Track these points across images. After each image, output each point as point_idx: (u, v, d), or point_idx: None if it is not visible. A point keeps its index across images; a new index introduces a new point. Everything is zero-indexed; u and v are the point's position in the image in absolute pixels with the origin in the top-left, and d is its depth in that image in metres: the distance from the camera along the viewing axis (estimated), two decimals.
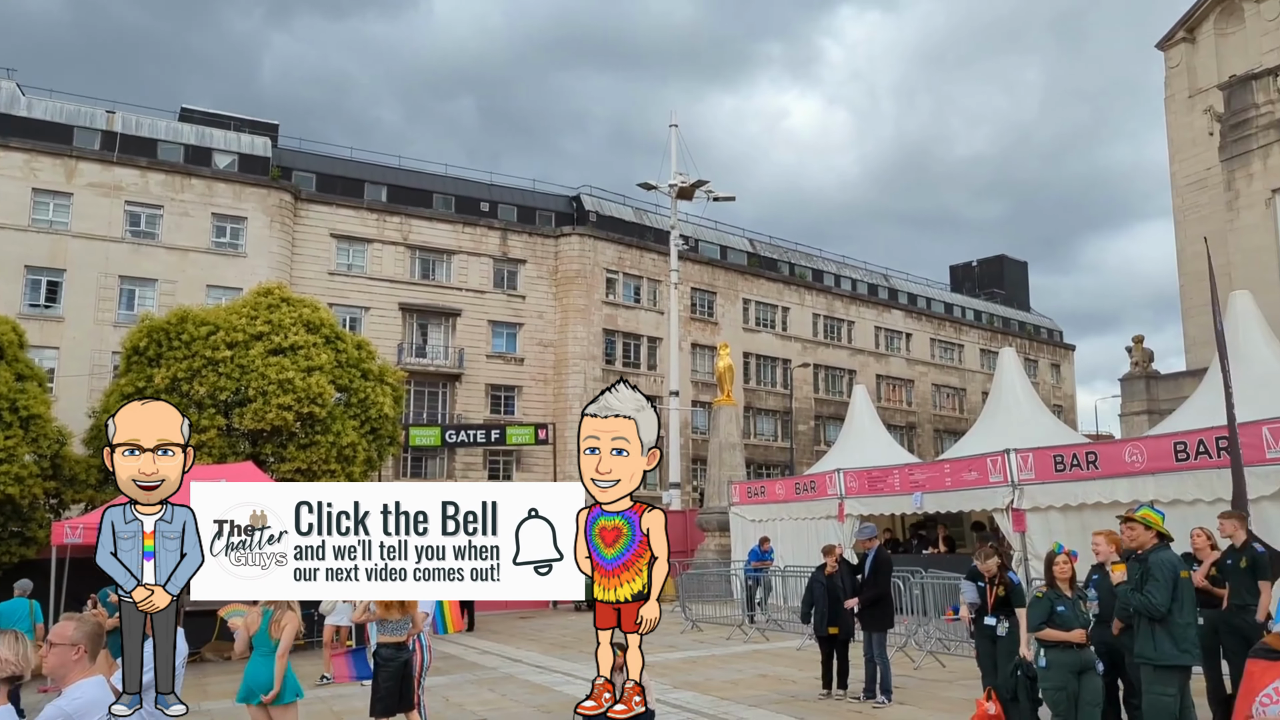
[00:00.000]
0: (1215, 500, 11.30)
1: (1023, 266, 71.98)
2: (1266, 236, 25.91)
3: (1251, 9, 29.16)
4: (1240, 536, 8.10)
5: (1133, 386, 28.97)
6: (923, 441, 55.12)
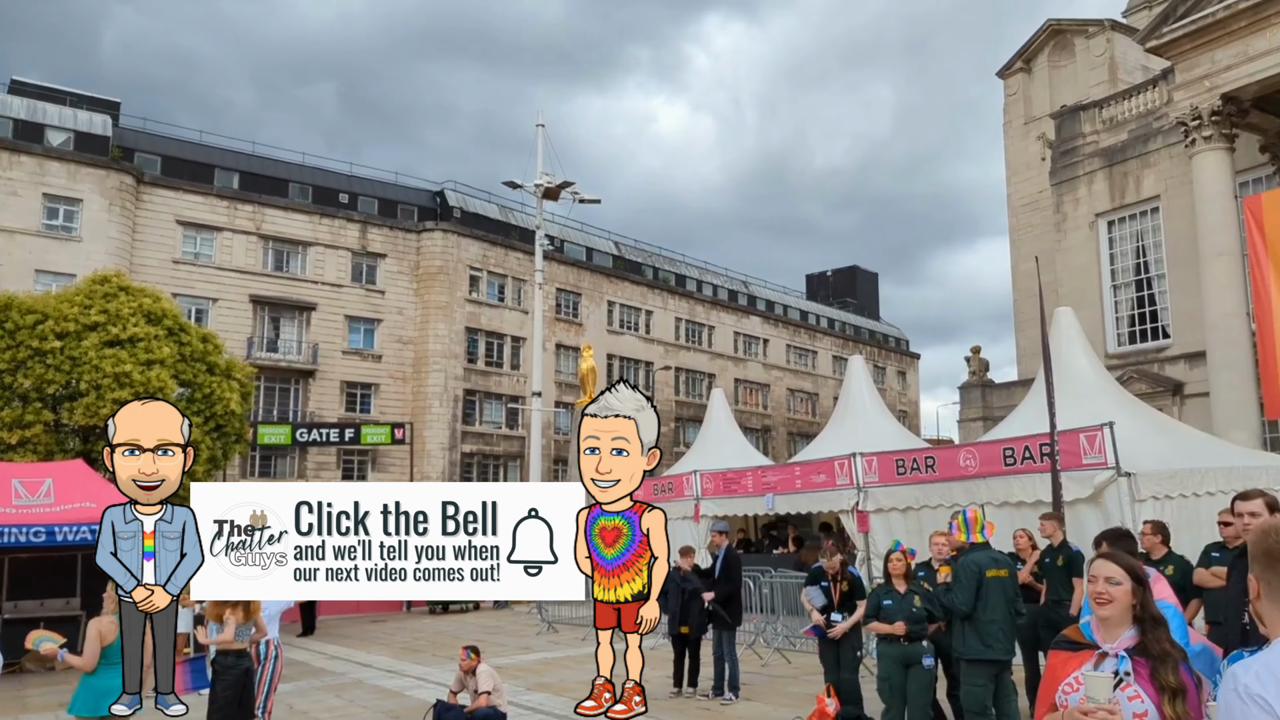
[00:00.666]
0: (1037, 502, 12.11)
1: (874, 277, 75.23)
2: (1089, 257, 27.95)
3: (1082, 44, 31.44)
4: (1058, 536, 8.76)
5: (970, 394, 30.71)
6: (777, 444, 56.82)
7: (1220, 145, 20.86)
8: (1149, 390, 25.46)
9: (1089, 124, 28.50)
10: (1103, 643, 2.75)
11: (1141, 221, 27.07)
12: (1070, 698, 2.68)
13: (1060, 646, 2.87)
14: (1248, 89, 20.39)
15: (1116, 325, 27.73)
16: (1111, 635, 2.75)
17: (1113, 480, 11.72)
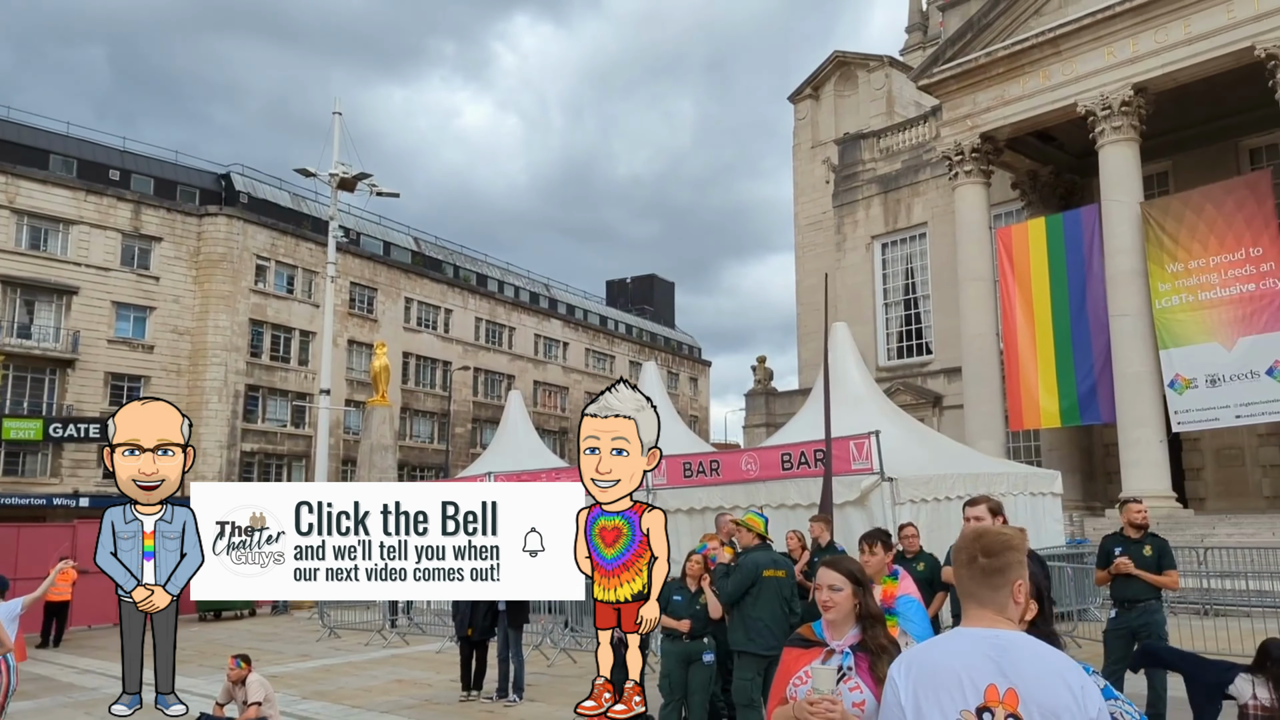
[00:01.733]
0: (811, 505, 12.87)
1: (671, 286, 77.43)
2: (865, 276, 29.98)
3: (864, 77, 33.73)
4: (825, 537, 9.38)
5: (755, 401, 32.19)
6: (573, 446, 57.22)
7: (978, 180, 22.99)
8: (913, 401, 27.63)
9: (868, 152, 30.60)
10: (830, 640, 3.01)
11: (911, 245, 29.36)
12: (799, 690, 2.89)
13: (794, 644, 3.10)
14: (1003, 130, 22.59)
15: (887, 340, 29.91)
16: (838, 634, 3.02)
17: (877, 485, 12.63)
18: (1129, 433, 19.58)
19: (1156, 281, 19.49)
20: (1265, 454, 21.88)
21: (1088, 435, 23.92)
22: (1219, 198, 19.23)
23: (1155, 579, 7.83)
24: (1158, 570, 7.90)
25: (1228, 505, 21.35)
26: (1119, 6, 19.89)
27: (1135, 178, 20.44)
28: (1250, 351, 18.02)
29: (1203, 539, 16.72)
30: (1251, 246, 18.41)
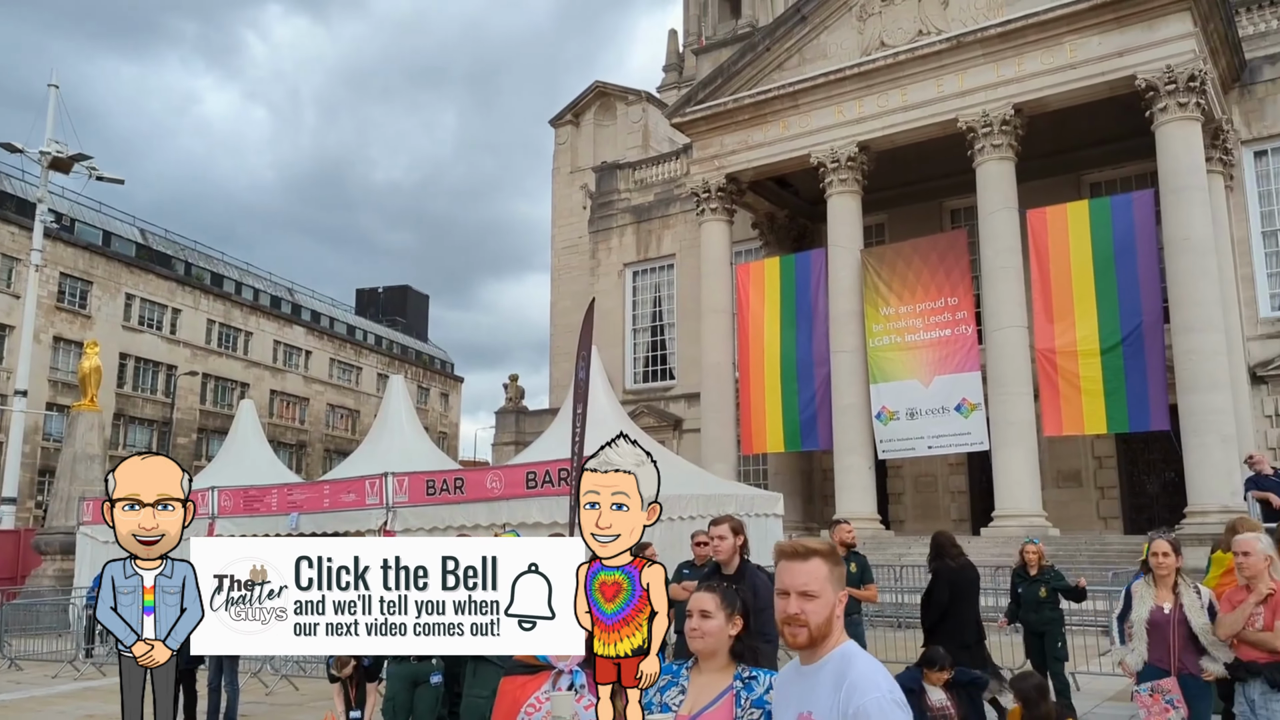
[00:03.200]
0: (553, 523, 13.06)
1: (425, 299, 75.81)
2: (616, 301, 30.86)
3: (622, 109, 34.90)
4: None
5: (505, 419, 32.17)
6: (312, 461, 54.53)
7: (723, 218, 24.40)
8: (656, 424, 28.69)
9: (624, 182, 31.62)
10: (557, 661, 3.09)
11: (660, 275, 30.58)
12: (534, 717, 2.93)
13: (514, 671, 3.09)
14: (746, 172, 24.13)
15: (634, 365, 30.90)
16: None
17: None
18: (842, 459, 21.40)
19: (871, 322, 21.51)
20: (954, 481, 24.63)
21: (808, 461, 25.88)
22: (925, 251, 21.55)
23: (857, 594, 8.65)
24: (859, 585, 8.73)
25: (924, 526, 23.80)
26: (848, 70, 21.89)
27: (857, 227, 22.48)
28: (943, 389, 20.28)
29: (900, 557, 18.53)
30: (949, 296, 20.77)
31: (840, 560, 2.53)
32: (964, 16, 20.74)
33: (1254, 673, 5.24)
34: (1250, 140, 21.74)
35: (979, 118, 20.21)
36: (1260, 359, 20.87)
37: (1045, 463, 21.48)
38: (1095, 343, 18.51)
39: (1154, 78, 18.44)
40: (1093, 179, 23.41)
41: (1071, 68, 19.46)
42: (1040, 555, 9.62)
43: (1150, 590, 5.79)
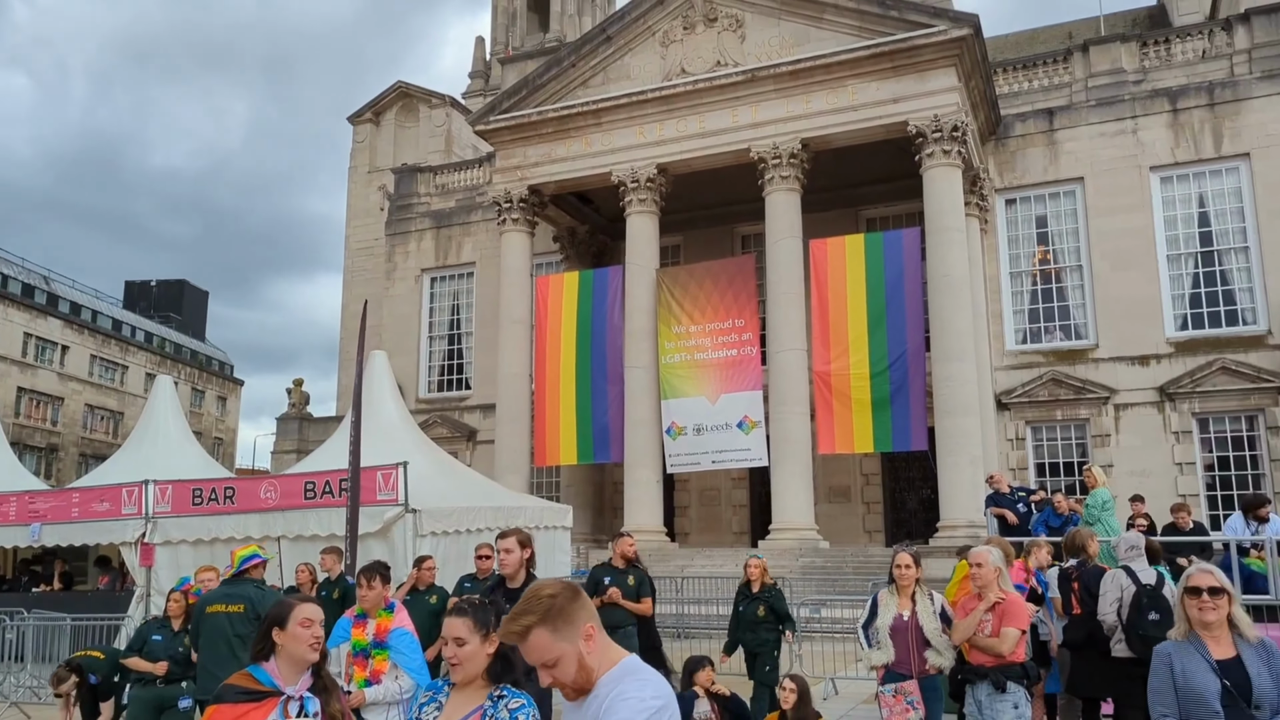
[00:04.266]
0: (330, 536, 12.52)
1: (204, 295, 71.06)
2: (412, 307, 30.14)
3: (426, 112, 34.20)
4: (336, 570, 9.18)
5: (287, 426, 30.63)
6: (65, 466, 49.70)
7: (524, 229, 24.36)
8: (449, 435, 28.19)
9: (424, 186, 30.97)
10: (284, 687, 2.94)
11: (459, 283, 30.13)
12: None
13: (235, 698, 2.89)
14: (549, 185, 24.23)
15: (429, 373, 30.25)
16: (293, 678, 2.97)
17: (400, 516, 12.66)
18: (633, 472, 21.82)
19: (664, 340, 22.11)
20: (737, 495, 25.67)
21: (600, 474, 26.21)
22: (716, 273, 22.41)
23: (632, 606, 8.80)
24: (636, 599, 8.88)
25: (707, 539, 24.66)
26: (650, 93, 22.47)
27: (654, 246, 23.07)
28: (727, 406, 21.14)
29: (683, 569, 19.11)
30: (737, 318, 21.68)
31: (564, 603, 2.42)
32: (759, 52, 21.79)
33: (981, 675, 5.77)
34: (1003, 189, 24.07)
35: (769, 149, 21.26)
36: (1005, 387, 23.08)
37: (819, 479, 22.78)
38: (866, 367, 19.84)
39: (923, 125, 20.07)
40: (870, 214, 25.15)
41: (853, 109, 20.86)
42: (763, 571, 9.17)
43: (893, 599, 6.25)
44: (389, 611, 5.40)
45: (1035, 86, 24.62)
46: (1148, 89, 23.22)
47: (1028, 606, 6.59)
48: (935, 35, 20.00)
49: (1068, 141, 23.55)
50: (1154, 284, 22.34)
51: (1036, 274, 23.78)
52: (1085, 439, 22.50)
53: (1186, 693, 3.88)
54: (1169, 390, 21.71)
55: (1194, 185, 22.58)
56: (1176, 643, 4.04)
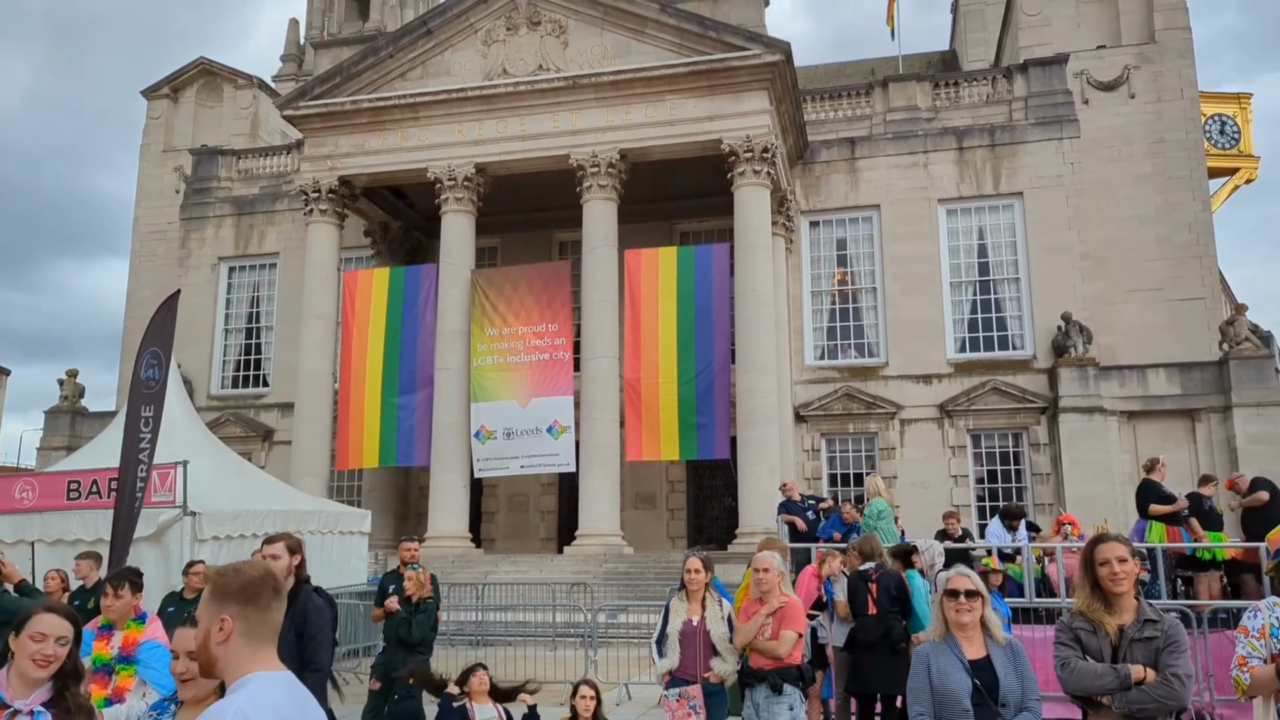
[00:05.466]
0: (96, 540, 11.50)
1: None
2: (207, 297, 28.34)
3: (230, 92, 32.25)
4: (94, 577, 8.41)
5: (57, 420, 28.10)
6: None
7: (333, 221, 23.38)
8: (243, 434, 26.67)
9: (226, 170, 29.23)
10: (12, 700, 2.66)
11: (261, 274, 28.58)
12: None
13: None
14: (361, 178, 23.37)
15: (223, 368, 28.51)
16: (23, 692, 2.69)
17: (178, 519, 11.83)
18: (439, 477, 21.33)
19: (476, 342, 21.76)
20: (545, 501, 25.59)
21: (405, 478, 25.48)
22: (532, 277, 22.29)
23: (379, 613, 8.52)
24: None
25: (514, 545, 24.44)
26: (471, 92, 22.11)
27: (470, 246, 22.68)
28: (538, 410, 21.04)
29: (486, 575, 18.84)
30: (551, 322, 21.63)
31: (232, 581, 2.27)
32: (581, 59, 21.88)
33: (760, 678, 5.94)
34: (808, 211, 25.26)
35: (589, 157, 21.39)
36: (803, 400, 24.19)
37: (626, 485, 23.07)
38: (675, 376, 20.26)
39: (736, 144, 20.77)
40: (684, 228, 25.76)
41: (671, 124, 21.31)
42: (420, 585, 8.24)
43: (683, 604, 6.35)
44: (139, 623, 4.97)
45: (840, 116, 26.00)
46: (938, 126, 25.01)
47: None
48: (750, 58, 20.74)
49: (867, 170, 25.01)
50: (938, 308, 24.04)
51: (835, 294, 25.09)
52: (874, 451, 23.90)
53: (941, 691, 4.11)
54: (948, 407, 23.40)
55: (975, 219, 24.51)
56: (934, 643, 4.28)
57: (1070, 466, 22.04)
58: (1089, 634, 3.99)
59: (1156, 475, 11.10)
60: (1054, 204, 23.84)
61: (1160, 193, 24.48)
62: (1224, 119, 33.28)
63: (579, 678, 10.85)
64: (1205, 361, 22.39)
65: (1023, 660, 4.23)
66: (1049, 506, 21.89)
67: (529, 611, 16.14)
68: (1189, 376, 22.26)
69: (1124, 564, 3.95)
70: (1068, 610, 4.32)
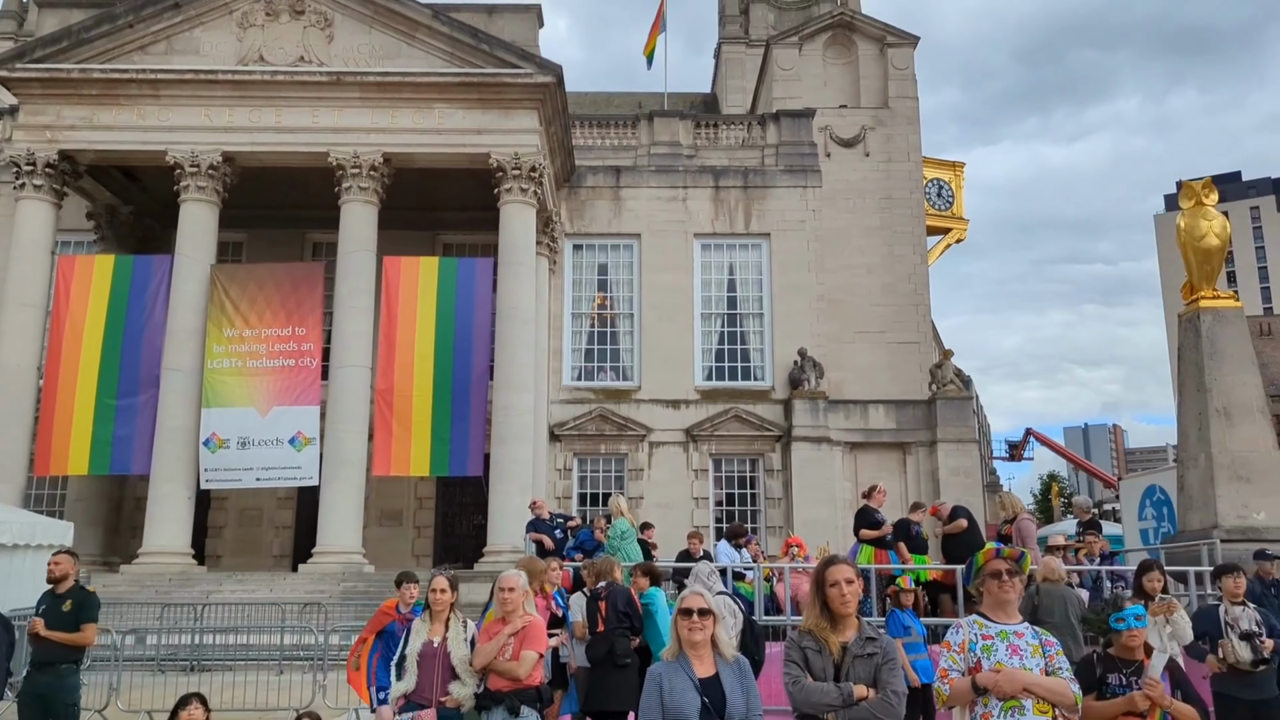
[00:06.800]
0: None
1: None
2: None
3: None
4: None
5: None
6: None
7: (49, 198, 20.97)
8: None
9: None
10: None
11: None
12: None
13: None
14: (87, 154, 21.15)
15: None
16: None
17: None
18: (160, 487, 19.56)
19: (212, 342, 20.21)
20: (281, 516, 24.13)
21: (120, 487, 23.19)
22: (281, 277, 21.05)
23: (65, 637, 7.57)
24: (75, 627, 7.60)
25: (243, 562, 22.80)
26: (221, 76, 20.65)
27: (211, 239, 21.09)
28: (279, 420, 19.83)
29: (208, 595, 17.46)
30: (299, 326, 20.50)
31: None
32: (348, 56, 21.04)
33: (497, 701, 5.88)
34: (572, 234, 25.64)
35: (350, 157, 20.56)
36: (559, 420, 24.41)
37: (372, 501, 22.23)
38: (430, 390, 19.80)
39: (505, 160, 20.72)
40: (448, 240, 25.33)
41: (439, 133, 20.93)
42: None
43: (425, 625, 6.19)
44: None
45: (607, 145, 26.64)
46: (698, 164, 26.24)
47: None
48: (522, 77, 20.81)
49: (630, 200, 25.78)
50: (689, 338, 25.13)
51: (595, 317, 25.58)
52: (624, 472, 24.50)
53: (672, 710, 4.23)
54: (694, 432, 24.44)
55: (727, 255, 25.89)
56: (666, 663, 4.42)
57: (799, 491, 23.66)
58: (815, 653, 4.26)
59: (874, 501, 12.12)
60: (797, 247, 25.64)
61: (887, 245, 26.95)
62: (941, 183, 37.29)
63: (304, 705, 10.28)
64: (917, 400, 24.81)
65: (749, 677, 4.45)
66: (779, 529, 23.36)
67: (256, 634, 15.08)
68: (903, 413, 24.59)
69: (851, 585, 4.26)
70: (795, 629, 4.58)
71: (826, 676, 4.19)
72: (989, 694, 4.09)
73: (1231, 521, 11.86)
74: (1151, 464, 75.52)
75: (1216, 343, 12.61)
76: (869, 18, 29.44)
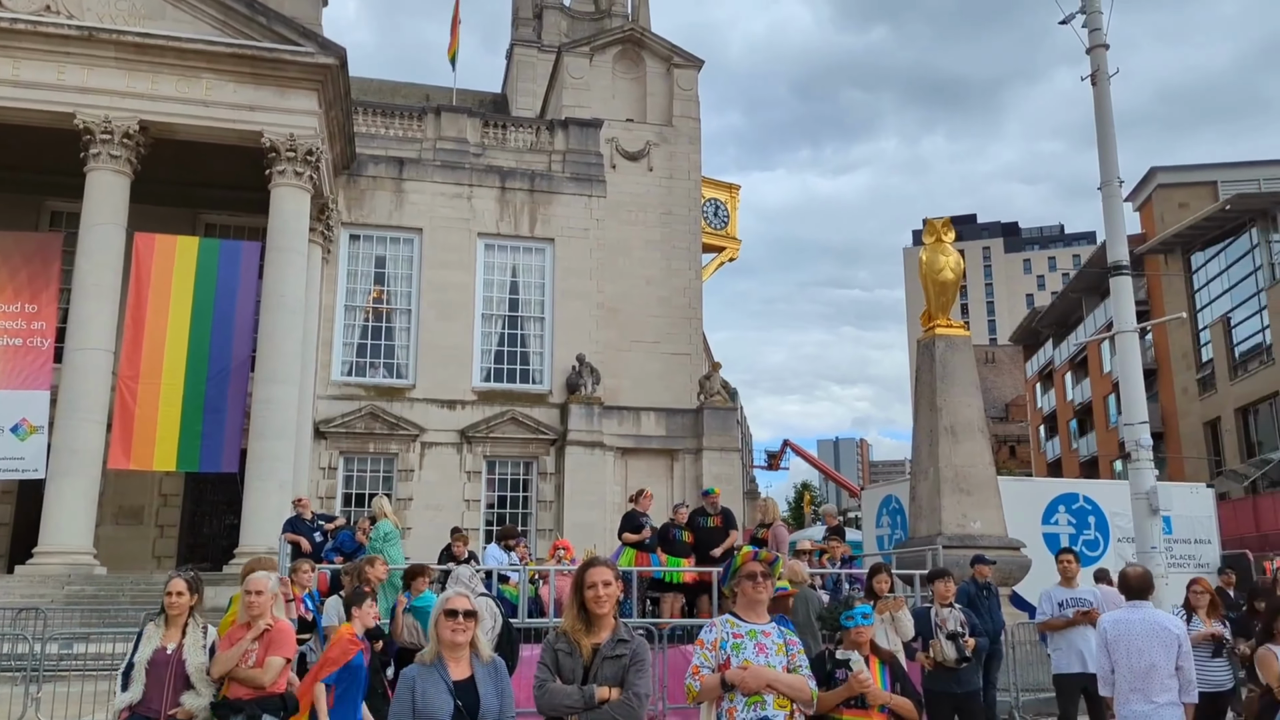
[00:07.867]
0: None
1: None
2: None
3: None
4: None
5: None
6: None
7: None
8: None
9: None
10: None
11: None
12: None
13: None
14: None
15: None
16: None
17: None
18: None
19: None
20: (1, 511, 21.62)
21: None
22: (10, 247, 18.93)
23: None
24: None
25: None
26: None
27: None
28: (3, 406, 17.79)
29: None
30: (29, 303, 18.50)
31: None
32: (102, 10, 19.20)
33: (237, 710, 5.55)
34: (349, 223, 24.67)
35: (100, 121, 18.79)
36: (325, 416, 23.38)
37: (109, 497, 20.41)
38: (181, 378, 18.40)
39: (278, 141, 19.65)
40: (210, 220, 23.68)
41: (205, 105, 19.54)
42: None
43: (159, 630, 5.75)
44: None
45: (391, 135, 25.88)
46: (485, 163, 26.01)
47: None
48: (302, 55, 19.83)
49: (413, 193, 25.15)
50: (469, 337, 24.83)
51: (370, 311, 24.74)
52: (393, 472, 23.81)
53: (424, 713, 4.17)
54: (469, 433, 24.15)
55: (511, 256, 25.82)
56: (421, 665, 4.35)
57: (571, 495, 23.92)
58: (567, 654, 4.33)
59: (640, 505, 12.46)
60: (580, 254, 25.96)
61: (665, 258, 27.81)
62: (718, 203, 38.97)
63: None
64: (686, 409, 25.75)
65: (504, 678, 4.47)
66: (549, 532, 23.51)
67: None
68: (673, 420, 25.45)
69: (608, 587, 4.37)
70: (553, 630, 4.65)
71: (576, 678, 4.27)
72: (735, 690, 4.31)
73: (953, 529, 13.14)
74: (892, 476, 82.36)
75: (948, 366, 13.96)
76: (658, 37, 30.30)
